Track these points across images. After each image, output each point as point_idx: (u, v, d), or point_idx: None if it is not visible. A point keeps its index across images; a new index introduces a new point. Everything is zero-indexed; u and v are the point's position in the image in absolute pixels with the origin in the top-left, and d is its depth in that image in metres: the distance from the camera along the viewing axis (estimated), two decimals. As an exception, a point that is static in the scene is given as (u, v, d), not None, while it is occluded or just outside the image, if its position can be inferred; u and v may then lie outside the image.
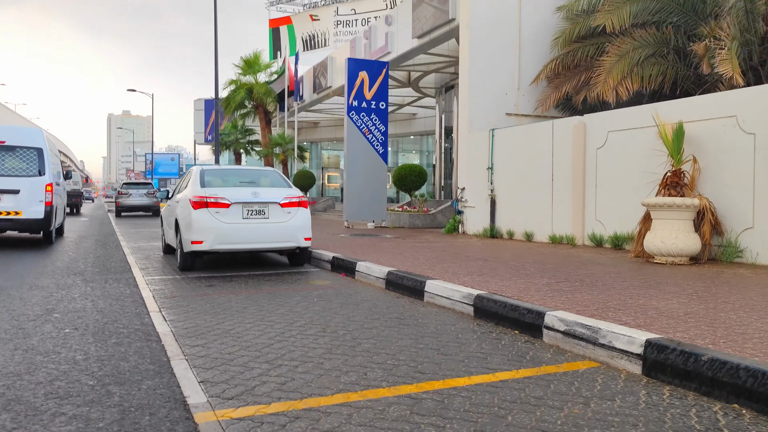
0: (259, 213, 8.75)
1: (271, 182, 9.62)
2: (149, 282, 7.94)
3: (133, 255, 11.34)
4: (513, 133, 12.96)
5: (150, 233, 17.16)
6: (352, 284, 7.80)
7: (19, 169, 12.21)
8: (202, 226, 8.48)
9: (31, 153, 12.43)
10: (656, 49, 12.82)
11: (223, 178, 9.63)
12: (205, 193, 8.65)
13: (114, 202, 32.53)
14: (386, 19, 21.31)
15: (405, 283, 6.94)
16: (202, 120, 46.95)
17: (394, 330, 5.13)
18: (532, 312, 4.91)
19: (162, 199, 10.97)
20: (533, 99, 15.00)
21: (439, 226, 17.49)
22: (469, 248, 10.74)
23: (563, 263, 8.41)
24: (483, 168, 13.68)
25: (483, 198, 13.68)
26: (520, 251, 10.14)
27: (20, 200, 11.91)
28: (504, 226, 13.01)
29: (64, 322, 5.42)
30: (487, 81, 14.51)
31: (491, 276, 7.05)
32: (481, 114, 14.45)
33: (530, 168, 12.24)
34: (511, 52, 14.74)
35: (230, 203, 8.59)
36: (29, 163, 12.34)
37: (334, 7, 44.18)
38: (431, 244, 11.48)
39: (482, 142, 13.76)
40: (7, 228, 12.42)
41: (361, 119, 16.93)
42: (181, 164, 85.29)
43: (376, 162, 17.02)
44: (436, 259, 8.95)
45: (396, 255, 9.46)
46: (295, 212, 9.01)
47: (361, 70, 17.05)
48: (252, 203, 8.71)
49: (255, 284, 7.76)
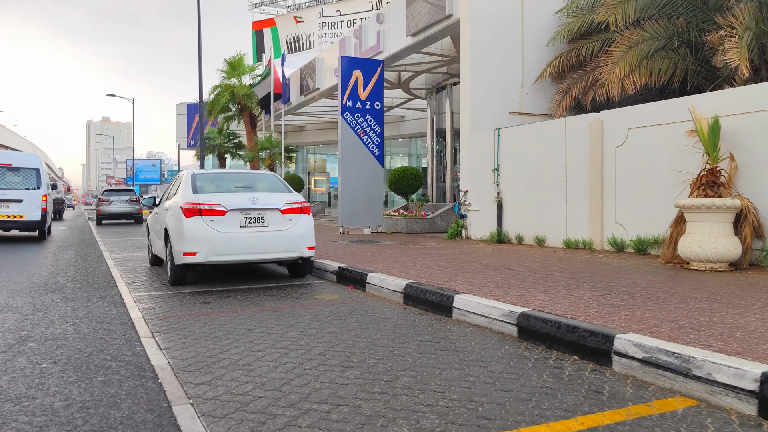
0: (258, 220, 7.95)
1: (269, 187, 8.83)
2: (138, 299, 7.11)
3: (118, 267, 10.47)
4: (521, 132, 12.28)
5: (134, 242, 16.25)
6: (363, 299, 7.04)
7: (22, 184, 16.14)
8: (196, 235, 7.66)
9: (31, 172, 16.41)
10: (667, 41, 12.23)
11: (217, 182, 8.82)
12: (197, 200, 7.83)
13: (94, 209, 31.43)
14: (377, 17, 20.60)
15: (428, 297, 6.19)
16: (185, 124, 45.86)
17: (431, 357, 4.38)
18: (597, 335, 4.19)
19: (148, 207, 10.10)
20: (538, 97, 14.34)
21: (438, 231, 16.77)
22: (481, 255, 10.01)
23: (594, 271, 7.70)
24: (488, 169, 12.98)
25: (488, 201, 12.98)
26: (539, 258, 9.44)
27: (23, 207, 15.83)
28: (512, 230, 12.31)
29: (41, 354, 4.59)
30: (490, 78, 13.84)
31: (524, 288, 6.33)
32: (484, 113, 13.76)
33: (541, 169, 11.56)
34: (513, 48, 14.09)
35: (226, 210, 7.79)
36: (29, 180, 16.27)
37: (319, 8, 43.41)
38: (439, 251, 10.75)
39: (487, 142, 13.07)
40: (13, 227, 16.15)
41: (356, 120, 16.17)
42: (162, 170, 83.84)
43: (371, 165, 16.26)
44: (453, 268, 8.20)
45: (406, 264, 8.70)
46: (297, 219, 8.22)
47: (355, 69, 16.30)
48: (250, 210, 7.91)
49: (256, 300, 6.96)
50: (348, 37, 23.58)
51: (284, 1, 45.74)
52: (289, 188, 8.85)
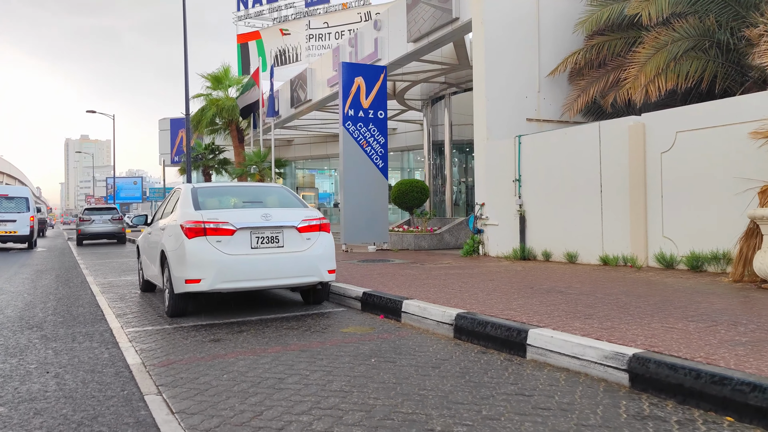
0: (272, 240, 6.85)
1: (281, 201, 7.74)
2: (132, 337, 5.96)
3: (105, 294, 9.29)
4: (546, 139, 11.31)
5: (120, 264, 15.01)
6: (402, 331, 5.95)
7: (15, 208, 22.05)
8: (200, 259, 6.54)
9: (22, 200, 22.62)
10: (697, 41, 11.37)
11: (222, 197, 7.70)
12: (201, 217, 6.72)
13: (75, 229, 29.98)
14: (375, 24, 19.66)
15: (489, 331, 5.12)
16: (168, 140, 44.52)
17: (537, 421, 3.31)
18: (764, 389, 3.15)
19: (137, 225, 8.90)
20: (555, 103, 13.43)
21: (447, 247, 15.73)
22: (515, 275, 8.98)
23: (663, 294, 6.69)
24: (508, 180, 11.99)
25: (509, 214, 11.98)
26: (583, 277, 8.42)
27: (17, 225, 21.65)
28: (537, 246, 11.30)
29: (13, 428, 3.45)
30: (505, 83, 12.90)
31: (603, 318, 5.28)
32: (500, 120, 12.80)
33: (570, 178, 10.59)
34: (529, 51, 13.18)
35: (235, 229, 6.68)
36: (21, 206, 22.31)
37: (306, 20, 42.52)
38: (465, 271, 9.70)
39: (506, 151, 12.09)
40: (9, 240, 21.75)
41: (358, 130, 15.15)
42: (144, 188, 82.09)
43: (375, 177, 15.22)
44: (497, 291, 7.15)
45: (439, 288, 7.64)
46: (315, 238, 7.13)
47: (357, 76, 15.29)
48: (263, 228, 6.81)
49: (276, 336, 5.85)
50: (342, 46, 22.64)
51: (270, 14, 44.78)
52: (303, 203, 7.76)
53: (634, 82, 11.21)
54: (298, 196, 7.99)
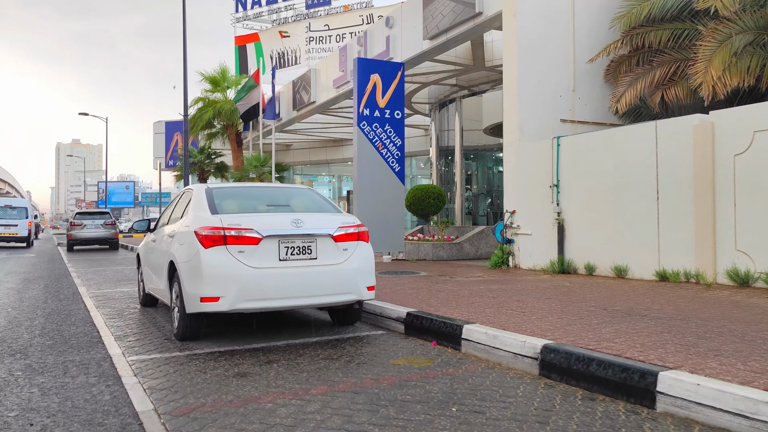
0: (304, 251, 5.76)
1: (310, 205, 6.66)
2: (138, 368, 4.85)
3: (100, 309, 8.16)
4: (590, 140, 10.29)
5: (114, 273, 13.85)
6: (467, 364, 4.87)
7: (17, 216, 27.33)
8: (219, 273, 5.44)
9: (22, 209, 27.95)
10: (756, 35, 10.40)
11: (241, 199, 6.60)
12: (220, 222, 5.62)
13: (65, 234, 28.70)
14: (386, 21, 18.65)
15: (595, 371, 4.05)
16: (163, 143, 43.24)
17: None
18: None
19: (138, 231, 7.79)
20: (592, 103, 12.43)
21: (468, 258, 14.68)
22: (571, 293, 7.93)
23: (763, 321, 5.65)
24: (544, 185, 10.96)
25: (544, 223, 10.94)
26: (653, 296, 7.38)
27: (18, 228, 26.96)
28: (579, 258, 10.26)
29: None
30: (538, 81, 11.89)
31: (741, 356, 4.21)
32: (532, 121, 11.78)
33: (619, 183, 9.57)
34: (563, 46, 12.18)
35: (261, 237, 5.58)
36: (21, 213, 27.62)
37: (306, 22, 41.55)
38: (507, 286, 8.64)
39: (541, 154, 11.06)
40: (12, 240, 27.04)
41: (374, 131, 14.08)
42: (136, 193, 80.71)
43: (391, 182, 14.14)
44: (569, 314, 6.08)
45: (494, 308, 6.57)
46: (353, 249, 6.05)
47: (372, 73, 14.23)
48: (293, 237, 5.72)
49: (314, 370, 4.75)
50: (350, 45, 21.62)
51: (269, 16, 43.80)
52: (336, 207, 6.68)
53: (704, 77, 10.08)
54: (330, 200, 6.91)
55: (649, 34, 11.69)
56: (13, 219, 27.08)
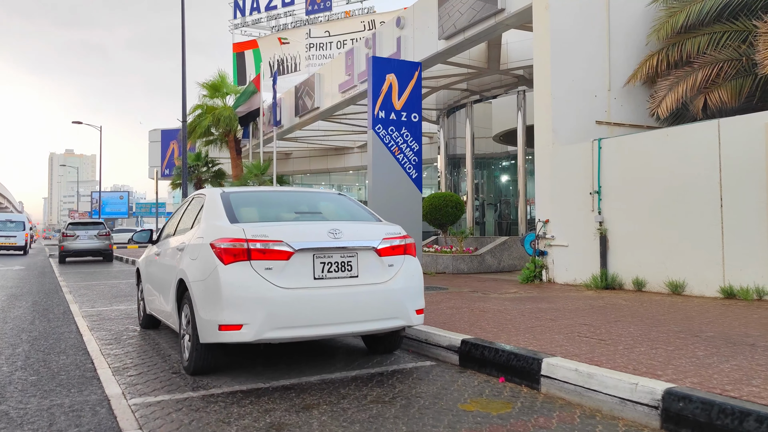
0: (343, 267, 4.76)
1: (343, 213, 5.67)
2: (144, 418, 3.84)
3: (94, 333, 7.12)
4: (637, 142, 9.36)
5: (109, 288, 12.79)
6: (559, 410, 3.88)
7: (15, 229, 31.60)
8: (243, 295, 4.44)
9: (20, 223, 32.38)
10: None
11: (264, 206, 5.61)
12: (243, 233, 4.61)
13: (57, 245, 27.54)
14: (397, 21, 17.75)
15: (751, 430, 3.06)
16: (158, 152, 42.22)
17: None
18: None
19: (139, 243, 6.74)
20: (627, 104, 11.51)
21: (490, 271, 13.70)
22: (636, 313, 6.95)
23: None
24: (582, 192, 10.01)
25: (583, 233, 9.98)
26: (736, 317, 6.42)
27: (16, 239, 31.31)
28: (625, 271, 9.29)
29: None
30: (572, 80, 10.97)
31: None
32: (566, 123, 10.85)
33: (672, 189, 8.62)
34: (599, 42, 11.27)
35: (293, 251, 4.59)
36: (19, 226, 31.93)
37: (306, 29, 40.66)
38: (556, 305, 7.66)
39: (579, 158, 10.12)
40: (12, 249, 31.48)
41: (390, 134, 13.12)
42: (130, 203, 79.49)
43: (408, 189, 13.15)
44: (661, 342, 5.09)
45: (563, 334, 5.58)
46: (399, 264, 5.05)
47: (388, 73, 13.27)
48: (330, 250, 4.72)
49: (366, 420, 3.75)
50: (357, 48, 20.69)
51: (268, 22, 42.91)
52: (374, 214, 5.69)
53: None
54: (365, 207, 5.92)
55: (686, 43, 10.84)
56: (13, 231, 31.78)
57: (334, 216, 5.56)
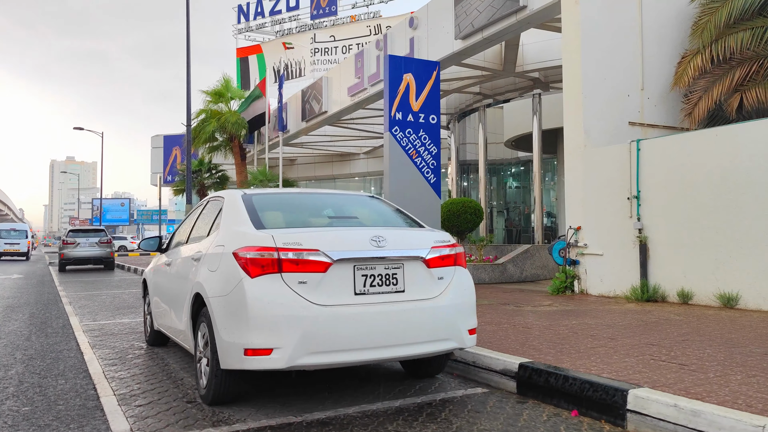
0: (388, 281, 4.09)
1: (377, 218, 5.01)
2: (158, 466, 3.16)
3: (96, 350, 6.45)
4: (681, 143, 8.71)
5: (111, 298, 12.11)
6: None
7: (18, 237, 35.49)
8: (274, 313, 3.77)
9: (23, 231, 36.59)
10: None
11: (292, 210, 4.94)
12: (272, 240, 3.94)
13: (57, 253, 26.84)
14: (410, 22, 17.15)
15: None
16: (161, 158, 41.55)
17: None
18: None
19: (147, 250, 6.03)
20: (660, 104, 10.86)
21: (512, 281, 13.02)
22: (694, 330, 6.28)
23: None
24: (619, 197, 9.35)
25: (620, 241, 9.31)
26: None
27: (19, 246, 35.06)
28: (668, 283, 8.61)
29: None
30: (602, 78, 10.32)
31: None
32: (598, 123, 10.20)
33: (725, 194, 7.96)
34: (630, 39, 10.63)
35: (331, 261, 3.92)
36: (22, 234, 35.95)
37: (311, 33, 40.12)
38: (603, 320, 6.98)
39: (615, 160, 9.47)
40: (15, 255, 34.92)
41: (407, 137, 12.47)
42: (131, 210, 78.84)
43: (426, 195, 12.49)
44: (754, 369, 4.42)
45: (634, 357, 4.91)
46: (449, 277, 4.38)
47: (406, 72, 12.64)
48: (373, 261, 4.06)
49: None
50: (367, 50, 20.08)
51: (272, 27, 42.39)
52: (416, 220, 5.02)
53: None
54: (404, 211, 5.24)
55: (728, 39, 10.21)
56: (16, 239, 35.68)
57: (371, 221, 4.89)
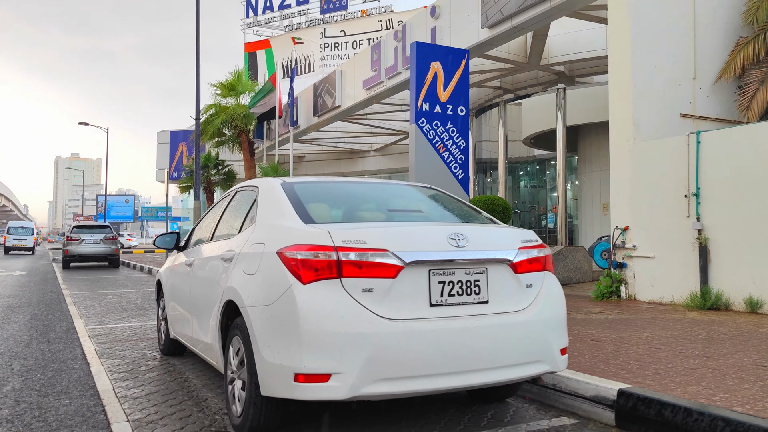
0: (469, 289, 3.31)
1: (448, 212, 4.24)
2: None
3: (104, 361, 5.68)
4: (748, 136, 7.92)
5: (118, 298, 11.35)
6: None
7: (26, 233, 41.47)
8: (334, 329, 2.99)
9: (30, 228, 42.72)
10: None
11: (342, 201, 4.16)
12: (329, 238, 3.14)
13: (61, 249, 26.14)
14: (432, 11, 16.36)
15: None
16: (167, 154, 40.75)
17: None
18: None
19: (164, 249, 5.17)
20: (713, 95, 10.06)
21: (544, 284, 12.20)
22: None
23: None
24: (674, 195, 8.56)
25: (675, 243, 8.52)
26: None
27: (26, 241, 40.74)
28: (733, 289, 7.82)
29: None
30: (655, 66, 9.52)
31: None
32: (649, 115, 9.40)
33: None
34: (682, 24, 9.83)
35: (403, 264, 3.13)
36: (29, 231, 42.05)
37: (321, 28, 39.37)
38: (672, 332, 6.20)
39: (669, 155, 8.68)
40: (23, 250, 40.32)
41: (434, 129, 11.70)
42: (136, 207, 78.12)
43: (454, 191, 11.64)
44: None
45: (754, 382, 4.12)
46: (539, 284, 3.60)
47: (433, 61, 11.86)
48: (453, 264, 3.28)
49: None
50: (384, 41, 19.26)
51: (281, 21, 41.65)
52: (487, 215, 4.23)
53: None
54: (470, 204, 4.46)
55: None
56: (24, 235, 41.36)
57: (438, 215, 4.11)
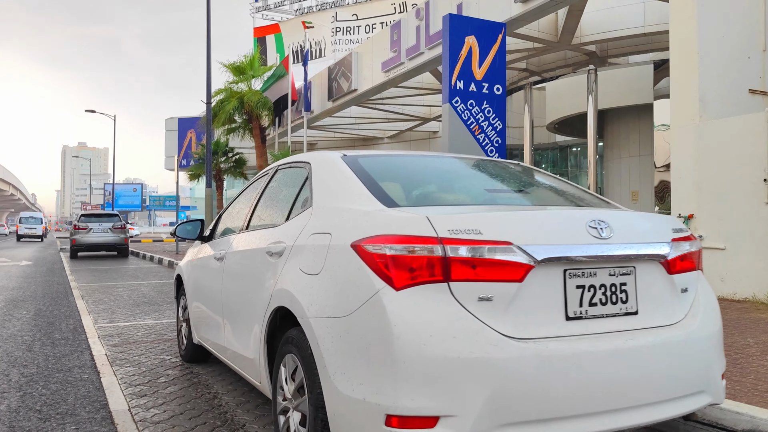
0: (614, 296, 2.43)
1: (558, 193, 3.34)
2: None
3: (117, 370, 4.86)
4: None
5: (129, 291, 10.55)
6: None
7: (36, 222, 47.14)
8: (442, 353, 2.11)
9: (39, 218, 48.63)
10: None
11: (421, 180, 3.27)
12: (428, 225, 2.27)
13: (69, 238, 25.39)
14: (458, -14, 15.39)
15: None
16: (175, 142, 39.96)
17: None
18: None
19: (186, 239, 4.20)
20: (783, 68, 9.12)
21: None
22: None
23: None
24: (749, 179, 7.66)
25: (752, 233, 7.63)
26: None
27: (36, 230, 46.20)
28: (823, 285, 6.92)
29: None
30: (722, 36, 8.59)
31: None
32: (715, 91, 8.48)
33: None
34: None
35: (534, 263, 2.26)
36: (38, 221, 47.58)
37: (332, 12, 38.33)
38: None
39: (743, 134, 7.77)
40: (33, 237, 45.85)
41: (469, 110, 10.81)
42: (144, 195, 77.51)
43: (489, 177, 10.85)
44: None
45: None
46: (694, 288, 2.72)
47: (468, 35, 10.95)
48: (595, 261, 2.40)
49: None
50: (405, 20, 18.30)
51: (291, 5, 40.63)
52: (602, 197, 3.35)
53: None
54: (576, 184, 3.58)
55: None
56: (33, 224, 46.10)
57: (550, 198, 3.24)
